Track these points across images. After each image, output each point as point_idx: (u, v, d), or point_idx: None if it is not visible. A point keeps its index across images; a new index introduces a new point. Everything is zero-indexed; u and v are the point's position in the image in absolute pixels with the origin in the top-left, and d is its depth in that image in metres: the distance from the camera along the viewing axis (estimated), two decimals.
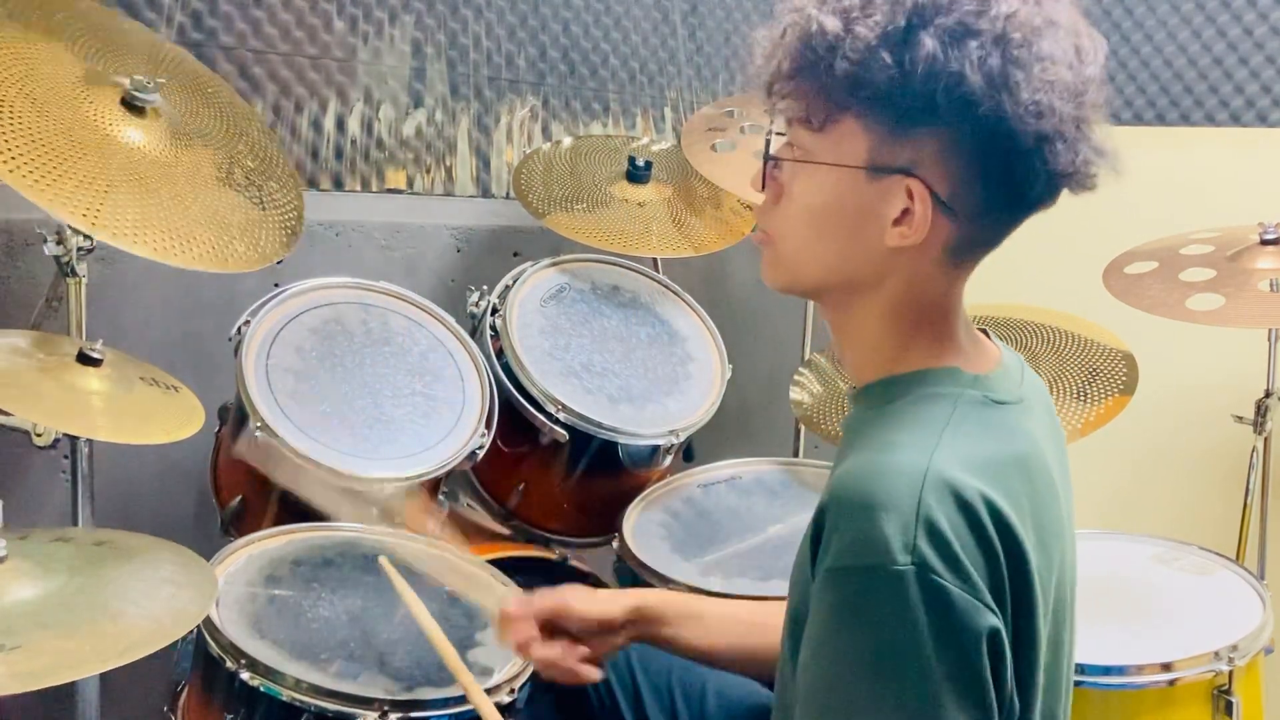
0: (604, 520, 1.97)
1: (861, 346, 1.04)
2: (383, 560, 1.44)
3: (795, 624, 0.98)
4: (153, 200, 1.54)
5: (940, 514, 0.86)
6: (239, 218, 1.65)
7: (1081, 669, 1.49)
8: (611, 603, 1.31)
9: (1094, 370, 1.96)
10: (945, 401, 0.97)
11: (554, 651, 1.27)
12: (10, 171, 1.43)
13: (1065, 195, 1.00)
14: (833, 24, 0.92)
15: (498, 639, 1.36)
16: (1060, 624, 1.01)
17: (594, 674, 1.28)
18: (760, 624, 1.30)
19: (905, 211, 0.95)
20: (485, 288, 2.04)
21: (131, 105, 1.61)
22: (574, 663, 1.27)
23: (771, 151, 1.03)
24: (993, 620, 0.88)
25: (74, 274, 1.62)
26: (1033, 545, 0.92)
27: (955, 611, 0.86)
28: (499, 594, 1.57)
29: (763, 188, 1.04)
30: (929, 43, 0.89)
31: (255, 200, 1.70)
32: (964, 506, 0.88)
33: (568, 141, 2.45)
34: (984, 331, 1.10)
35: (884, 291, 1.00)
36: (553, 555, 1.97)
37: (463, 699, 1.37)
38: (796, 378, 2.24)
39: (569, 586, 1.34)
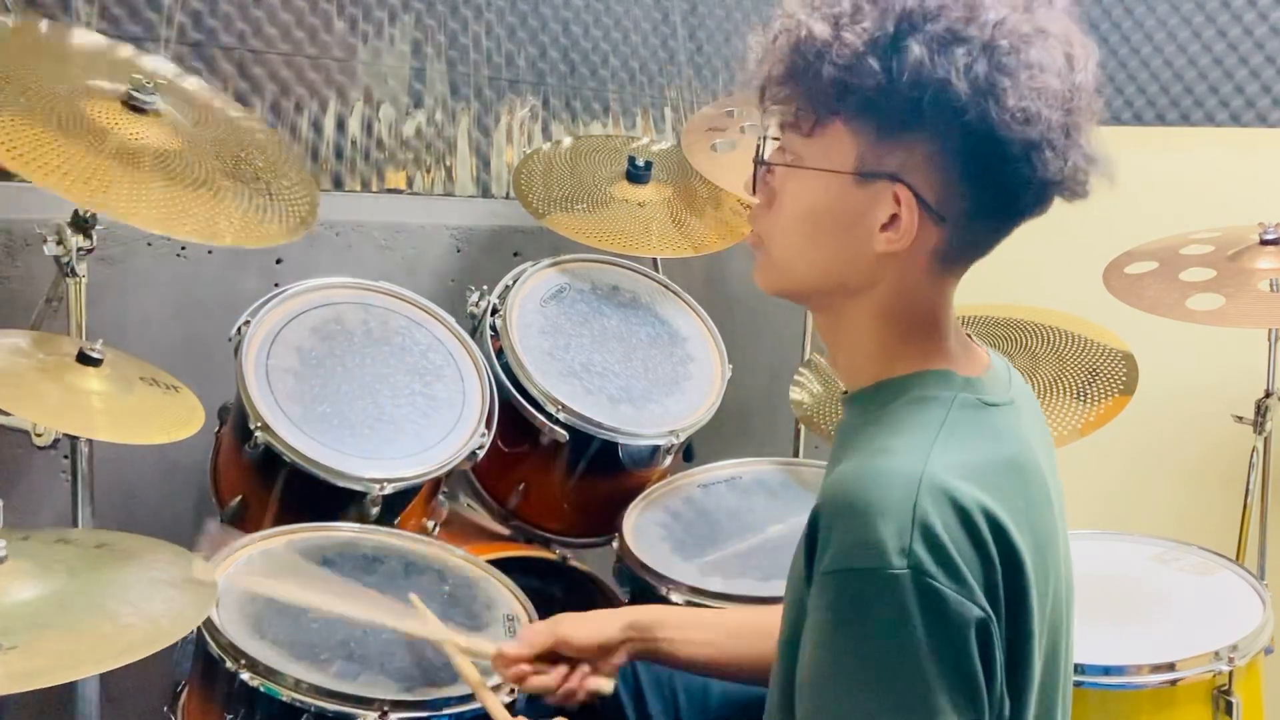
0: (604, 520, 1.97)
1: (854, 351, 1.05)
2: (414, 598, 1.45)
3: (791, 626, 0.99)
4: (155, 185, 1.55)
5: (936, 518, 0.87)
6: (245, 204, 1.65)
7: (1081, 669, 1.49)
8: (606, 625, 1.33)
9: (1094, 370, 1.96)
10: (938, 404, 0.98)
11: (551, 680, 1.30)
12: (15, 158, 1.43)
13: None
14: (822, 30, 0.93)
15: (497, 674, 1.38)
16: (1058, 626, 1.01)
17: (604, 686, 1.31)
18: (749, 629, 1.32)
19: (893, 217, 0.96)
20: (485, 288, 2.04)
21: (134, 108, 1.62)
22: (576, 684, 1.30)
23: (764, 156, 1.03)
24: (981, 615, 0.89)
25: (74, 274, 1.62)
26: (1028, 548, 0.93)
27: (949, 614, 0.87)
28: (493, 598, 1.58)
29: (754, 192, 1.05)
30: (916, 50, 0.90)
31: (263, 191, 1.71)
32: (959, 511, 0.89)
33: (568, 141, 2.45)
34: (968, 335, 1.11)
35: (874, 296, 1.01)
36: (553, 555, 1.97)
37: (463, 699, 1.37)
38: (796, 378, 2.24)
39: (561, 617, 1.35)
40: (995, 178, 0.94)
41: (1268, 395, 2.04)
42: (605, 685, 1.32)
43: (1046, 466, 1.04)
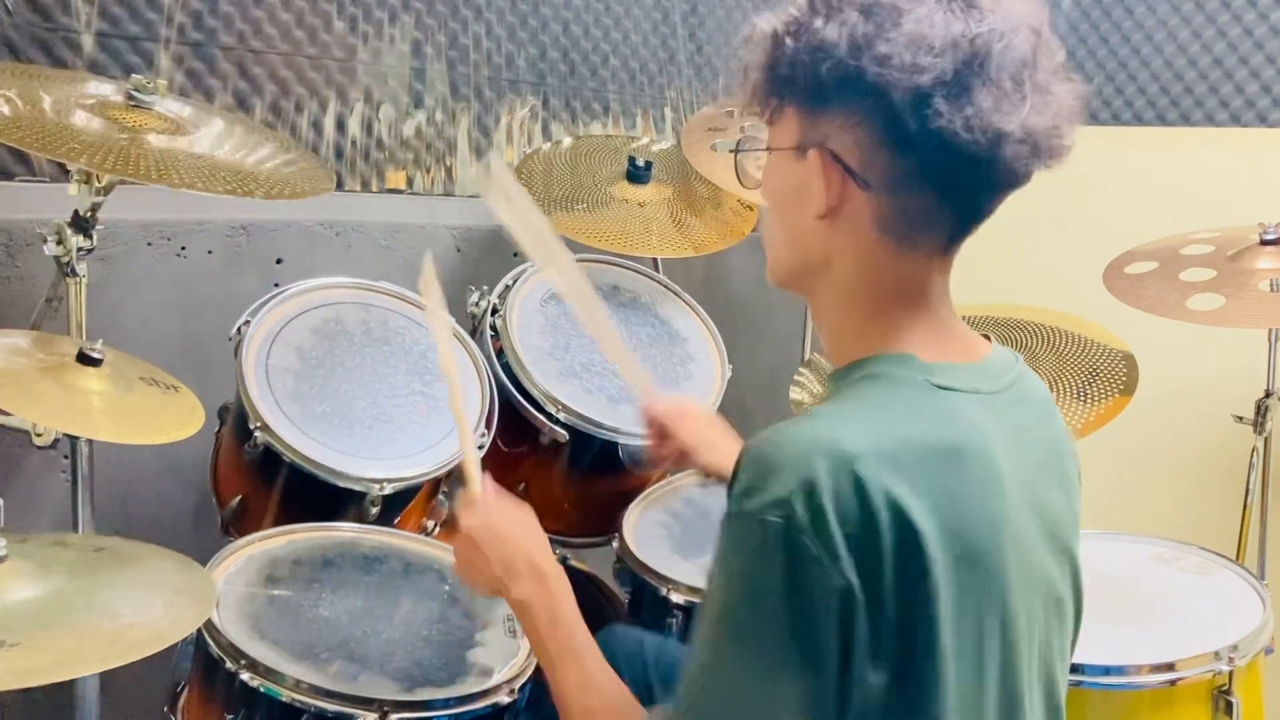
0: (604, 520, 1.97)
1: (828, 333, 1.09)
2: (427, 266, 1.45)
3: None
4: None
5: (825, 481, 0.90)
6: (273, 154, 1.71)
7: (1081, 669, 1.49)
8: (716, 448, 1.51)
9: (1094, 370, 1.96)
10: (881, 382, 1.01)
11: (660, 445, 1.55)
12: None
13: (1065, 194, 1.01)
14: (764, 25, 1.02)
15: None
16: (1003, 617, 0.99)
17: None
18: None
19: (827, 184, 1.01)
20: (485, 288, 2.04)
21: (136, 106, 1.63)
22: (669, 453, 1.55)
23: (741, 147, 1.15)
24: (842, 584, 0.91)
25: (74, 274, 1.62)
26: (937, 532, 0.92)
27: (809, 574, 0.90)
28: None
29: (741, 183, 1.15)
30: (818, 22, 0.97)
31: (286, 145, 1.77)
32: (855, 481, 0.91)
33: (568, 141, 2.45)
34: (986, 336, 1.11)
35: (835, 274, 1.05)
36: (553, 555, 1.96)
37: (463, 699, 1.37)
38: (796, 378, 2.24)
39: (698, 414, 1.56)
40: (900, 133, 0.96)
41: (1268, 395, 2.04)
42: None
43: (1020, 463, 1.02)
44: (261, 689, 1.34)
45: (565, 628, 1.17)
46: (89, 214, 1.60)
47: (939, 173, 0.98)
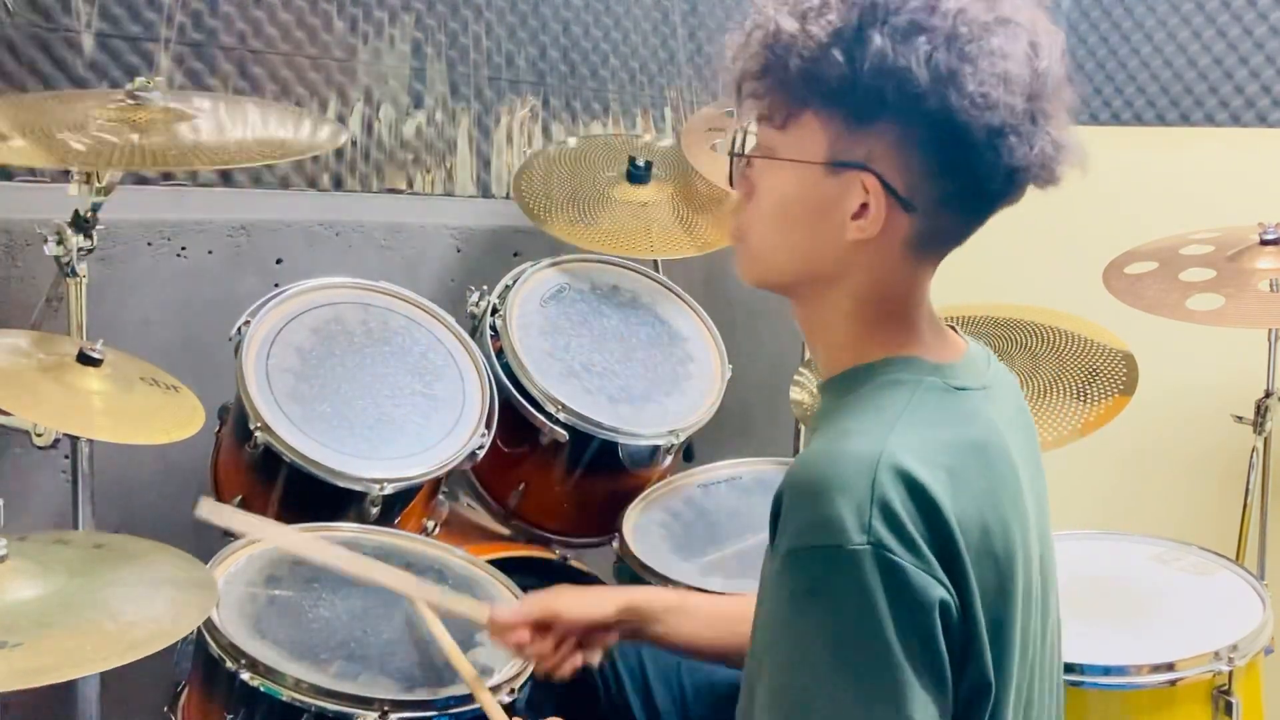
0: (604, 520, 1.97)
1: (828, 340, 1.06)
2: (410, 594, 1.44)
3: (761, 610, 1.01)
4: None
5: (894, 495, 0.88)
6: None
7: (1081, 669, 1.49)
8: (601, 604, 1.34)
9: (1094, 370, 1.96)
10: (904, 388, 0.99)
11: (545, 647, 1.32)
12: None
13: (1065, 194, 1.01)
14: (790, 25, 0.95)
15: (491, 641, 1.40)
16: (1026, 612, 1.00)
17: (591, 659, 1.34)
18: (747, 618, 1.33)
19: (863, 206, 0.97)
20: (485, 288, 2.04)
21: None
22: (566, 656, 1.33)
23: (741, 149, 1.06)
24: (943, 593, 0.89)
25: (74, 274, 1.62)
26: (984, 534, 0.93)
27: (912, 589, 0.88)
28: (493, 598, 1.58)
29: (733, 184, 1.07)
30: (878, 40, 0.92)
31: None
32: (919, 489, 0.89)
33: (570, 143, 2.45)
34: (951, 327, 1.11)
35: (848, 285, 1.02)
36: (553, 555, 1.97)
37: (463, 699, 1.37)
38: (796, 378, 2.23)
39: (558, 589, 1.37)
40: (961, 165, 0.95)
41: (1268, 395, 2.04)
42: (592, 659, 1.35)
43: (1021, 453, 1.04)
44: (261, 689, 1.34)
45: None
46: (89, 214, 1.60)
47: (989, 197, 0.98)
